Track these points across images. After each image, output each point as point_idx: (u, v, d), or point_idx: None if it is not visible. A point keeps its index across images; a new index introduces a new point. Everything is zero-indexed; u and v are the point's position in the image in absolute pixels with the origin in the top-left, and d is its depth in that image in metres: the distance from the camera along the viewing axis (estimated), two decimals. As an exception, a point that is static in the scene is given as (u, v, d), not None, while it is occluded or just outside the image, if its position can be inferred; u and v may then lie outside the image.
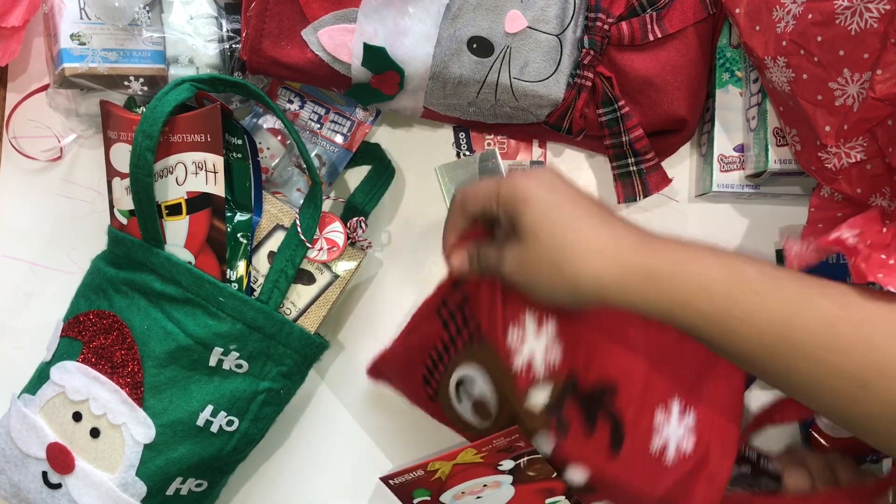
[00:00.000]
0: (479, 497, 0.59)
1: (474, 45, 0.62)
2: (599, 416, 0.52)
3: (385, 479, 0.58)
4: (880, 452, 0.63)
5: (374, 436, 0.70)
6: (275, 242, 0.63)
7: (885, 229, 0.57)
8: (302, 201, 0.64)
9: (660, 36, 0.63)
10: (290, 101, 0.68)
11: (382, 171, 0.69)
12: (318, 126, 0.68)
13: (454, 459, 0.56)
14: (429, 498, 0.59)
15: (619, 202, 0.67)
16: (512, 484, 0.58)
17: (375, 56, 0.62)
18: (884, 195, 0.58)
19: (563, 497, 0.57)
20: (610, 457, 0.52)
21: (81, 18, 0.62)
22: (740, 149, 0.67)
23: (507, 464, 0.56)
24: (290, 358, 0.61)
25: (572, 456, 0.53)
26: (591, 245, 0.46)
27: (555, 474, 0.54)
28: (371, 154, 0.70)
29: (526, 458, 0.55)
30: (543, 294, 0.48)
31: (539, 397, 0.51)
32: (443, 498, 0.59)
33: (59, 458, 0.57)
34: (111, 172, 0.61)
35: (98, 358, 0.58)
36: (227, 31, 0.64)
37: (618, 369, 0.53)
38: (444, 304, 0.54)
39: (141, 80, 0.63)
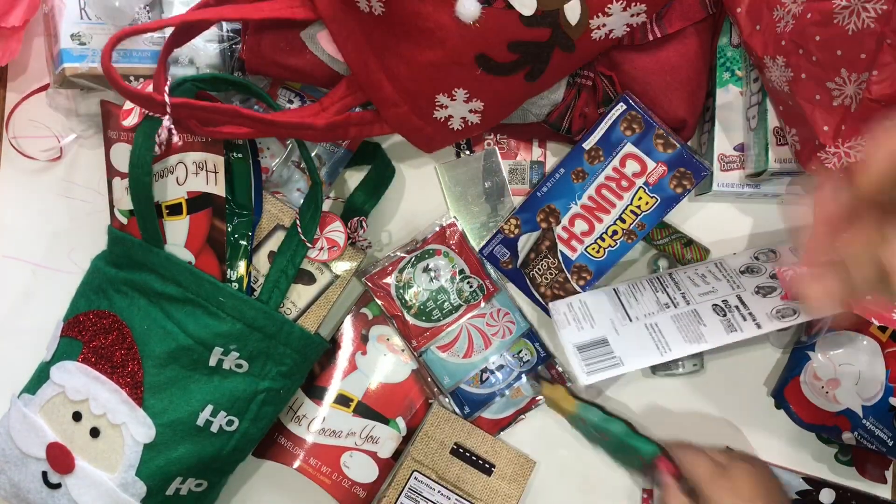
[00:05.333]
0: (385, 354, 0.68)
1: (474, 45, 0.62)
2: None
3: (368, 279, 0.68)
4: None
5: (374, 436, 0.70)
6: (275, 242, 0.63)
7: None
8: (302, 201, 0.64)
9: (659, 36, 0.63)
10: (290, 101, 0.68)
11: (382, 171, 0.69)
12: (318, 126, 0.68)
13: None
14: (370, 317, 0.69)
15: None
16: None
17: (375, 56, 0.62)
18: (884, 193, 0.58)
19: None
20: None
21: (81, 18, 0.62)
22: (740, 148, 0.67)
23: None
24: (290, 358, 0.61)
25: None
26: None
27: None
28: (371, 154, 0.70)
29: None
30: None
31: None
32: (372, 331, 0.68)
33: (59, 458, 0.57)
34: (111, 172, 0.61)
35: (98, 358, 0.58)
36: (228, 31, 0.64)
37: None
38: None
39: (141, 79, 0.63)
